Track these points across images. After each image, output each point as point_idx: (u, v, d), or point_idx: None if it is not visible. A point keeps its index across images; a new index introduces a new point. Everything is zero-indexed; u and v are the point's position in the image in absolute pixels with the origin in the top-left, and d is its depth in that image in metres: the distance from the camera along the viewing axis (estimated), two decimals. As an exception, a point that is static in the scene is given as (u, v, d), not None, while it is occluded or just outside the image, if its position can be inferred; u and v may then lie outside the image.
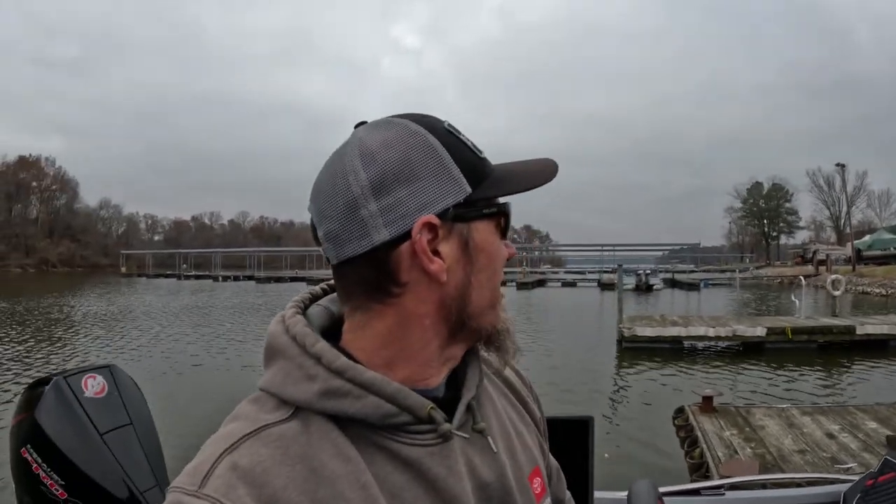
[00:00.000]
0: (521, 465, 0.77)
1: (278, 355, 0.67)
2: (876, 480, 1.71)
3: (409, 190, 0.64)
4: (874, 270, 47.55)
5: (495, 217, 0.70)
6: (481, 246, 0.68)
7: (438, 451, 0.66)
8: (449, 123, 0.70)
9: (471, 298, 0.68)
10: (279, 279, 72.74)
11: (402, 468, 0.64)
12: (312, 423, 0.63)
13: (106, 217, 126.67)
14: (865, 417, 6.81)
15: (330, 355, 0.64)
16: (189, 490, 0.58)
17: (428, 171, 0.65)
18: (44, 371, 12.66)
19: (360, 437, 0.64)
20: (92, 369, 1.56)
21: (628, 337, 15.70)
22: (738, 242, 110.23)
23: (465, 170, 0.67)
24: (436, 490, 0.65)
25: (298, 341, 0.66)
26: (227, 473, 0.58)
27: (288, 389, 0.65)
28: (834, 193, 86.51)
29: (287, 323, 0.69)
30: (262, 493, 0.58)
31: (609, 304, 25.28)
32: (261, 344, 0.72)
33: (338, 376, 0.63)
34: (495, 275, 0.71)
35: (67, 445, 1.41)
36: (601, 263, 74.49)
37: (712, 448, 5.94)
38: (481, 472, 0.70)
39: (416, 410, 0.65)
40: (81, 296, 39.34)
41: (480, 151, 0.71)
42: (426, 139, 0.66)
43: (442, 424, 0.66)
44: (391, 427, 0.65)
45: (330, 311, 0.74)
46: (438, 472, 0.65)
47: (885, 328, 15.50)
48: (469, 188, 0.66)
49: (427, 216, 0.63)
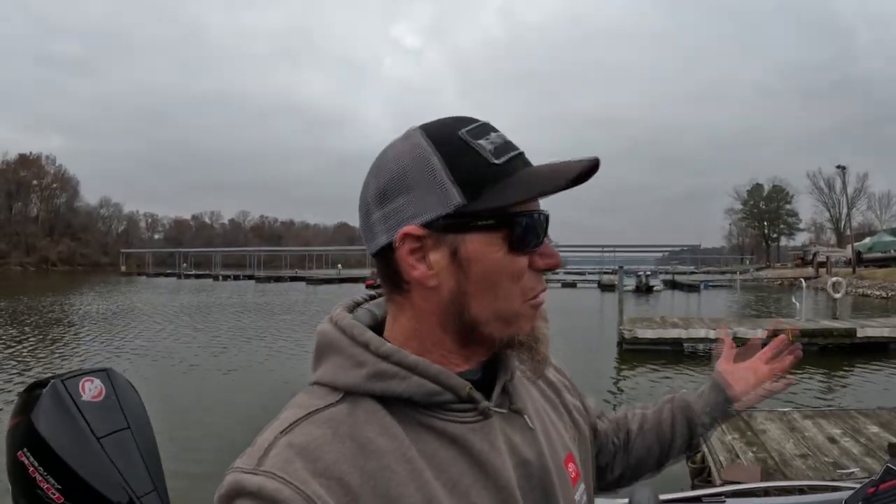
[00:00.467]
0: (557, 449, 0.81)
1: (328, 350, 0.73)
2: (878, 488, 1.70)
3: (405, 200, 0.69)
4: (874, 273, 47.55)
5: (494, 229, 0.69)
6: (474, 257, 0.69)
7: (479, 427, 0.71)
8: (468, 130, 0.71)
9: (468, 307, 0.70)
10: (279, 279, 72.82)
11: (448, 444, 0.69)
12: (360, 405, 0.68)
13: (106, 216, 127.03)
14: (867, 422, 6.78)
15: (376, 342, 0.70)
16: (247, 469, 0.62)
17: (421, 184, 0.69)
18: (39, 372, 12.67)
19: (406, 416, 0.69)
20: (89, 373, 1.55)
21: (629, 339, 15.67)
22: (738, 244, 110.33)
23: (462, 180, 0.68)
24: (479, 464, 0.69)
25: (347, 333, 0.72)
26: (283, 451, 0.63)
27: (339, 377, 0.70)
28: (834, 195, 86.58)
29: (336, 319, 0.75)
30: (316, 466, 0.62)
31: (609, 306, 25.31)
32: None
33: (385, 360, 0.69)
34: (497, 287, 0.70)
35: (64, 449, 1.40)
36: (601, 264, 74.53)
37: (714, 452, 5.91)
38: (522, 450, 0.75)
39: (457, 390, 0.70)
40: (80, 295, 39.35)
41: (500, 157, 0.69)
42: (424, 152, 0.69)
43: (481, 402, 0.71)
44: (434, 405, 0.70)
45: (373, 314, 0.80)
46: (482, 447, 0.70)
47: (887, 331, 15.48)
48: (460, 199, 0.67)
49: (409, 226, 0.68)
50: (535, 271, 0.72)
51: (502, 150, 0.70)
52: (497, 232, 0.69)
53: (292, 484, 0.59)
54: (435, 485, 0.66)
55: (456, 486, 0.67)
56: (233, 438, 7.96)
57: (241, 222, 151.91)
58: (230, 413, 9.59)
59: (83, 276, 78.92)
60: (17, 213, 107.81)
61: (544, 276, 0.75)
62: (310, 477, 0.61)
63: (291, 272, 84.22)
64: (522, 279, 0.71)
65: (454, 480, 0.67)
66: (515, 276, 0.70)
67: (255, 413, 9.43)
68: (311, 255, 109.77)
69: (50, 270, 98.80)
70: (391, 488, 0.64)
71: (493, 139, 0.71)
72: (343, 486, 0.62)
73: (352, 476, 0.62)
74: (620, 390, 11.85)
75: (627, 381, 12.63)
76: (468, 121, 0.72)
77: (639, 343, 15.54)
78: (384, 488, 0.63)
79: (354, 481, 0.62)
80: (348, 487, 0.62)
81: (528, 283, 0.72)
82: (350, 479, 0.62)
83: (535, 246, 0.71)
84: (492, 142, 0.70)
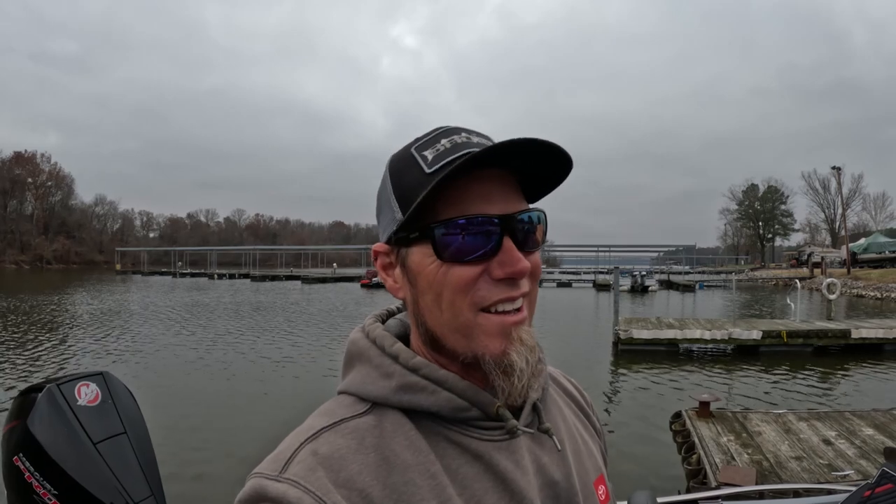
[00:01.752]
0: (588, 470, 0.80)
1: (357, 359, 0.74)
2: (873, 491, 1.69)
3: (381, 220, 0.74)
4: (869, 273, 47.70)
5: (422, 239, 0.68)
6: (416, 269, 0.69)
7: (506, 446, 0.70)
8: (420, 143, 0.70)
9: (425, 318, 0.70)
10: (274, 277, 72.63)
11: (472, 461, 0.68)
12: (387, 417, 0.68)
13: (101, 214, 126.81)
14: (862, 423, 6.79)
15: (406, 354, 0.71)
16: (270, 475, 0.62)
17: (383, 204, 0.72)
18: (32, 373, 12.59)
19: (431, 431, 0.69)
20: (85, 376, 1.55)
21: (624, 339, 15.69)
22: (733, 244, 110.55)
23: (400, 195, 0.69)
24: (504, 483, 0.68)
25: (378, 343, 0.73)
26: (308, 458, 0.63)
27: (367, 388, 0.70)
28: (829, 196, 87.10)
29: (367, 329, 0.76)
30: (338, 476, 0.62)
31: (604, 306, 25.36)
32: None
33: (414, 373, 0.69)
34: (441, 298, 0.67)
35: (60, 455, 1.40)
36: (596, 264, 74.61)
37: (709, 454, 5.91)
38: (550, 471, 0.74)
39: (486, 407, 0.69)
40: (75, 294, 39.17)
41: (435, 164, 0.66)
42: (385, 176, 0.72)
43: (509, 420, 0.70)
44: (461, 421, 0.69)
45: (405, 324, 0.79)
46: (506, 465, 0.69)
47: (881, 332, 15.51)
48: (400, 214, 0.69)
49: (378, 243, 0.74)
50: (497, 281, 0.67)
51: (441, 156, 0.67)
52: (426, 242, 0.67)
53: (314, 493, 0.59)
54: (457, 501, 0.65)
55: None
56: (230, 442, 7.97)
57: (237, 221, 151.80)
58: (229, 417, 9.55)
59: (78, 275, 78.54)
60: (11, 211, 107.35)
61: (514, 282, 0.68)
62: (332, 487, 0.60)
63: (287, 271, 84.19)
64: (472, 289, 0.66)
65: (477, 498, 0.66)
66: (459, 286, 0.66)
67: (254, 418, 9.43)
68: (306, 253, 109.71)
69: (45, 269, 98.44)
70: (413, 503, 0.63)
71: (440, 146, 0.68)
72: (365, 498, 0.61)
73: (374, 488, 0.62)
74: (617, 391, 11.85)
75: (623, 382, 12.63)
76: (428, 133, 0.71)
77: (634, 343, 15.55)
78: (406, 503, 0.63)
79: (377, 494, 0.62)
80: (370, 500, 0.61)
81: (481, 292, 0.67)
82: (372, 491, 0.62)
83: (478, 253, 0.66)
84: (436, 150, 0.68)
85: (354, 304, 33.57)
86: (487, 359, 0.67)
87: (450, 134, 0.70)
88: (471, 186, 0.66)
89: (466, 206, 0.66)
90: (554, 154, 0.68)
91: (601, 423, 0.94)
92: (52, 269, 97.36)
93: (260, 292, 44.55)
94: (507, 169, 0.69)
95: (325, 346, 16.89)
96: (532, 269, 0.69)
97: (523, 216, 0.69)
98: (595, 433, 0.90)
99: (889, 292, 37.74)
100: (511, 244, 0.67)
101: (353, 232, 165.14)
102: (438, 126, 0.72)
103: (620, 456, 7.29)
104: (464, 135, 0.70)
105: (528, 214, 0.69)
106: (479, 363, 0.68)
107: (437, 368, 0.69)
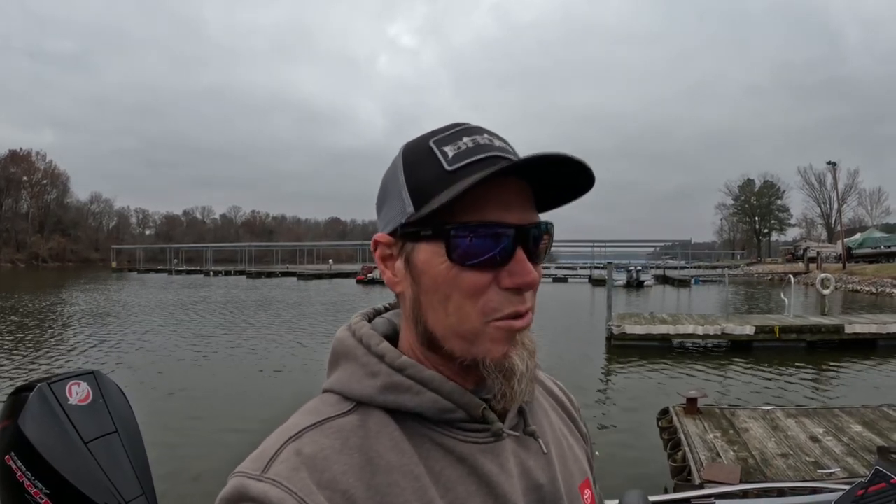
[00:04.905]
0: (573, 474, 0.79)
1: (343, 358, 0.73)
2: (866, 490, 1.68)
3: (384, 210, 0.71)
4: (864, 269, 47.82)
5: (435, 239, 0.66)
6: (421, 268, 0.67)
7: (490, 449, 0.70)
8: (439, 137, 0.69)
9: (425, 318, 0.68)
10: (270, 274, 72.43)
11: (456, 463, 0.67)
12: (371, 417, 0.67)
13: (97, 211, 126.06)
14: (851, 420, 6.76)
15: (392, 354, 0.70)
16: (252, 475, 0.61)
17: (391, 194, 0.70)
18: (22, 373, 12.52)
19: (416, 432, 0.68)
20: (76, 375, 1.55)
21: (617, 335, 15.71)
22: (729, 239, 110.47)
23: (414, 189, 0.67)
24: (488, 486, 0.68)
25: (364, 342, 0.72)
26: (291, 458, 0.62)
27: (351, 386, 0.69)
28: (825, 191, 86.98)
29: (353, 327, 0.75)
30: (322, 477, 0.61)
31: (599, 301, 25.32)
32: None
33: (399, 373, 0.68)
34: (448, 301, 0.66)
35: (52, 454, 1.40)
36: (592, 259, 74.53)
37: (695, 451, 5.90)
38: (535, 474, 0.73)
39: (471, 409, 0.69)
40: (69, 293, 39.00)
41: (456, 162, 0.66)
42: (396, 163, 0.71)
43: (495, 423, 0.69)
44: (446, 423, 0.69)
45: (392, 323, 0.79)
46: (491, 468, 0.68)
47: (874, 327, 15.53)
48: (412, 208, 0.67)
49: (380, 234, 0.71)
50: (504, 290, 0.66)
51: (463, 155, 0.66)
52: (439, 242, 0.66)
53: (296, 494, 0.58)
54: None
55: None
56: (222, 441, 7.97)
57: (233, 217, 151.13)
58: (219, 417, 9.53)
59: (74, 273, 78.22)
60: (7, 209, 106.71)
61: (521, 293, 0.67)
62: (315, 488, 0.60)
63: (283, 267, 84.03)
64: (483, 296, 0.65)
65: (461, 500, 0.66)
66: (470, 291, 0.65)
67: (246, 416, 9.41)
68: (302, 250, 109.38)
69: (41, 267, 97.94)
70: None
71: (462, 144, 0.67)
72: (348, 500, 0.61)
73: (357, 490, 0.61)
74: (608, 386, 11.89)
75: (615, 377, 12.67)
76: (449, 128, 0.70)
77: (627, 339, 15.61)
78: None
79: (360, 495, 0.61)
80: (353, 501, 0.61)
81: (492, 303, 0.65)
82: (356, 492, 0.61)
83: (491, 261, 0.65)
84: (458, 147, 0.67)
85: (348, 300, 33.51)
86: (488, 362, 0.67)
87: (472, 133, 0.69)
88: (490, 192, 0.65)
89: (485, 212, 0.65)
90: (577, 171, 0.67)
91: (587, 429, 0.93)
92: (48, 268, 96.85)
93: (255, 289, 44.43)
94: (525, 178, 0.68)
95: (322, 344, 16.78)
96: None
97: (537, 228, 0.69)
98: (581, 438, 0.90)
99: (884, 287, 37.85)
100: (523, 255, 0.66)
101: (349, 228, 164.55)
102: (457, 122, 0.71)
103: (608, 452, 7.30)
104: (486, 136, 0.69)
105: (541, 226, 0.69)
106: (477, 366, 0.67)
107: (423, 369, 0.68)
